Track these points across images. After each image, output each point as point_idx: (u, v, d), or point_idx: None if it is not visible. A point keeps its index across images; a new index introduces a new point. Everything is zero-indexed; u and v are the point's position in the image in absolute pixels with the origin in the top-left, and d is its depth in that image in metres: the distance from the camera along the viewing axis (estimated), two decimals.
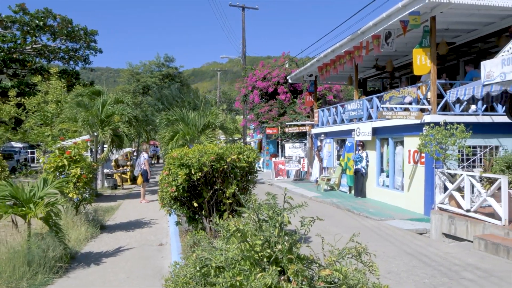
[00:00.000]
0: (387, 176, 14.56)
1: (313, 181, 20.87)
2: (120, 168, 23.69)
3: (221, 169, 7.64)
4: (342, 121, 18.07)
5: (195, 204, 7.97)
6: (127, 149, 25.84)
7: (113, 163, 23.45)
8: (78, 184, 9.83)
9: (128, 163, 25.27)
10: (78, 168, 9.84)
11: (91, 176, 10.37)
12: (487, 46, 14.27)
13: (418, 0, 10.81)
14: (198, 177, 7.51)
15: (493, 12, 11.48)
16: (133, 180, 23.37)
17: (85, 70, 36.07)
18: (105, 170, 21.66)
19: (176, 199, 7.94)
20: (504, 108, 10.41)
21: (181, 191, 7.64)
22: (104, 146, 19.40)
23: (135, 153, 30.25)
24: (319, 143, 21.03)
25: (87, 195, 10.39)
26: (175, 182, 7.52)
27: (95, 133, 17.34)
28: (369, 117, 15.44)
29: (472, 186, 8.87)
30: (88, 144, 13.95)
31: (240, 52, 31.35)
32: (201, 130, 15.63)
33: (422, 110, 12.03)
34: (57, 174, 9.83)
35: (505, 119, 10.66)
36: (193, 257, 3.12)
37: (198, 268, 2.96)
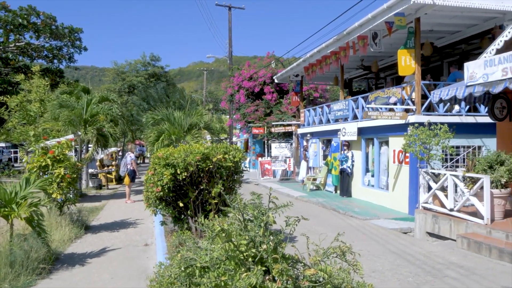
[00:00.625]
0: (372, 176, 14.67)
1: (299, 181, 20.94)
2: (105, 168, 23.48)
3: (206, 169, 7.61)
4: (328, 121, 18.16)
5: (181, 204, 7.94)
6: (112, 149, 25.64)
7: (98, 163, 23.22)
8: (62, 184, 9.71)
9: (113, 162, 25.06)
10: (61, 168, 9.72)
11: (75, 176, 10.25)
12: (470, 48, 14.47)
13: (403, 1, 10.91)
14: (184, 177, 7.48)
15: (476, 14, 11.65)
16: (118, 180, 23.21)
17: (70, 68, 35.59)
18: (90, 170, 21.44)
19: (162, 199, 7.90)
20: (486, 109, 10.57)
21: (166, 191, 7.60)
22: (89, 145, 19.21)
23: (120, 153, 30.01)
24: (305, 143, 21.11)
25: (71, 195, 10.28)
26: (161, 182, 7.48)
27: (79, 133, 17.16)
28: (355, 117, 15.55)
29: (456, 186, 8.99)
30: (72, 143, 13.81)
31: (227, 52, 31.32)
32: (187, 130, 15.57)
33: (407, 111, 12.15)
34: (40, 174, 9.70)
35: (487, 119, 10.82)
36: (178, 257, 3.11)
37: (183, 269, 2.95)
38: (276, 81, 24.90)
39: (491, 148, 11.04)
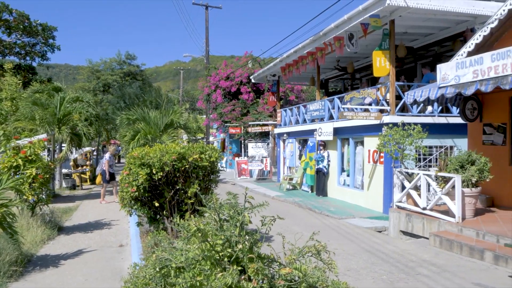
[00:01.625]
0: (348, 176, 14.84)
1: (276, 181, 21.01)
2: (79, 167, 23.09)
3: (182, 168, 7.57)
4: (305, 121, 18.28)
5: (156, 204, 7.87)
6: (87, 149, 25.25)
7: (71, 163, 22.83)
8: (34, 184, 9.50)
9: (88, 162, 24.67)
10: (34, 168, 9.51)
11: (47, 176, 10.04)
12: (443, 50, 14.78)
13: (378, 3, 11.06)
14: (160, 176, 7.42)
15: (449, 17, 11.91)
16: (93, 180, 22.85)
17: (42, 66, 34.87)
18: (63, 170, 21.06)
19: (137, 199, 7.82)
20: (458, 110, 10.83)
21: (142, 191, 7.53)
22: (63, 145, 18.86)
23: (95, 153, 29.55)
24: (281, 143, 21.21)
25: (43, 196, 10.06)
26: (136, 182, 7.41)
27: (53, 132, 16.83)
28: (331, 117, 15.69)
29: (428, 185, 9.17)
30: (45, 143, 13.51)
31: (204, 51, 31.20)
32: (163, 130, 15.45)
33: (381, 111, 12.33)
34: (12, 174, 9.46)
35: (459, 120, 11.09)
36: (153, 257, 3.08)
37: (157, 269, 2.93)
38: (253, 80, 24.92)
39: (463, 148, 11.31)
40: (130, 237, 9.51)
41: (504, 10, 8.77)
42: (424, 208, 9.13)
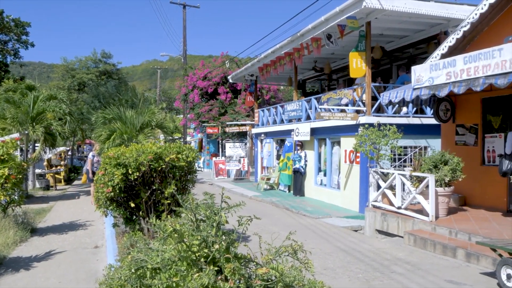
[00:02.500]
0: (325, 175, 14.96)
1: (253, 181, 21.03)
2: (53, 168, 22.63)
3: (159, 168, 7.49)
4: (282, 122, 18.35)
5: (132, 205, 7.77)
6: (61, 148, 24.78)
7: (45, 163, 22.35)
8: (6, 185, 9.28)
9: (62, 162, 24.21)
10: (6, 168, 9.29)
11: (20, 176, 9.82)
12: (417, 52, 15.06)
13: (354, 5, 11.19)
14: (136, 177, 7.32)
15: (423, 20, 12.13)
16: (67, 180, 22.44)
17: (15, 64, 34.08)
18: (37, 170, 20.61)
19: (113, 199, 7.70)
20: (432, 111, 11.05)
21: (117, 191, 7.41)
22: (36, 144, 18.47)
23: (69, 153, 29.03)
24: (259, 143, 21.24)
25: (16, 197, 9.83)
26: (111, 182, 7.29)
27: (26, 131, 16.46)
28: (308, 117, 15.79)
29: (403, 185, 9.33)
30: (18, 142, 13.20)
31: (181, 50, 30.98)
32: (139, 129, 15.25)
33: (358, 112, 12.47)
34: None
35: (433, 121, 11.32)
36: (129, 259, 3.05)
37: (133, 270, 2.90)
38: (230, 80, 24.87)
39: (436, 148, 11.53)
40: (105, 238, 9.37)
41: (476, 14, 9.00)
42: (399, 207, 9.29)
